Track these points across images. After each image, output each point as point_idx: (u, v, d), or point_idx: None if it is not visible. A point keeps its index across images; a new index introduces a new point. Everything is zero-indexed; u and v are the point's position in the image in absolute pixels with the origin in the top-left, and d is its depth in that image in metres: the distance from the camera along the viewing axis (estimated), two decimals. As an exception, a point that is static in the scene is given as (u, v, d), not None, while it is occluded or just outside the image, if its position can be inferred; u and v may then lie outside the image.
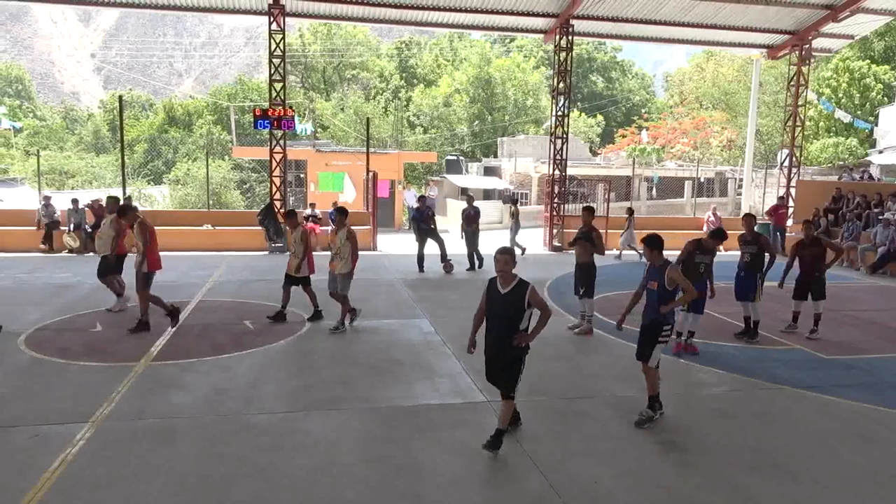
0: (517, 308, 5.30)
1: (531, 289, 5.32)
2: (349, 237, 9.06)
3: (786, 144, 21.81)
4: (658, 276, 6.06)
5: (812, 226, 9.78)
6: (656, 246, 6.20)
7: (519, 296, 5.30)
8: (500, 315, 5.34)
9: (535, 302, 5.31)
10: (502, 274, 5.37)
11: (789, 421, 6.31)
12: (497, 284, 5.39)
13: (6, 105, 60.23)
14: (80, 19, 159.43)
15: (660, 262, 6.14)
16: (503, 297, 5.33)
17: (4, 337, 8.42)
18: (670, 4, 18.22)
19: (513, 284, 5.35)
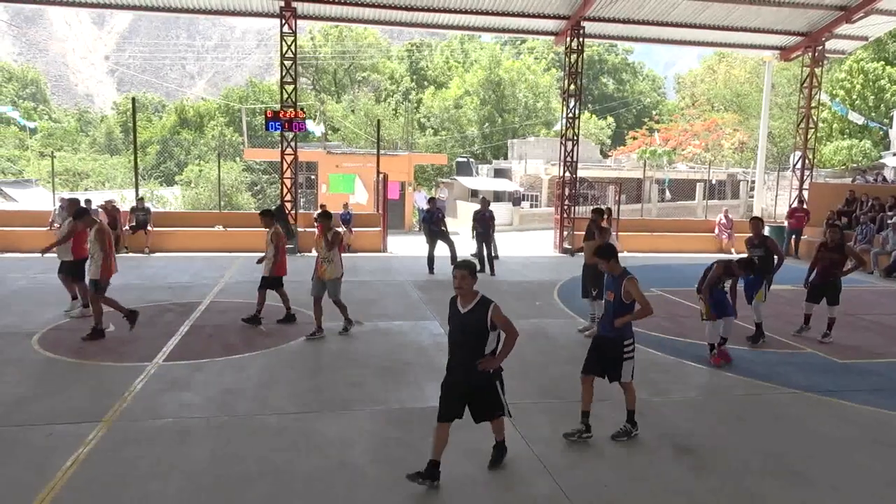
0: (479, 330, 4.79)
1: (494, 307, 4.79)
2: (335, 239, 8.81)
3: (798, 146, 21.64)
4: (615, 287, 5.70)
5: (838, 230, 9.62)
6: (612, 255, 5.81)
7: (480, 316, 4.78)
8: (461, 337, 4.85)
9: (499, 322, 4.80)
10: (460, 291, 4.84)
11: (804, 426, 6.26)
12: (457, 303, 4.88)
13: (21, 108, 60.85)
14: (94, 22, 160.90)
15: (618, 272, 5.75)
16: (463, 317, 4.82)
17: (19, 337, 8.49)
18: (682, 6, 18.13)
19: (473, 303, 4.82)
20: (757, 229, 9.09)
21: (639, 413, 6.35)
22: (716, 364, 7.94)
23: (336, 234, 8.86)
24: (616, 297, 5.67)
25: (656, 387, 7.22)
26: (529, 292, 12.65)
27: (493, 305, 4.82)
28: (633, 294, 5.61)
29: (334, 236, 8.78)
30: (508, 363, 5.02)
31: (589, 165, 32.92)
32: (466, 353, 4.82)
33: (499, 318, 4.82)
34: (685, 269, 16.30)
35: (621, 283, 5.62)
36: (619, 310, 5.65)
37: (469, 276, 4.86)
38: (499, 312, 4.82)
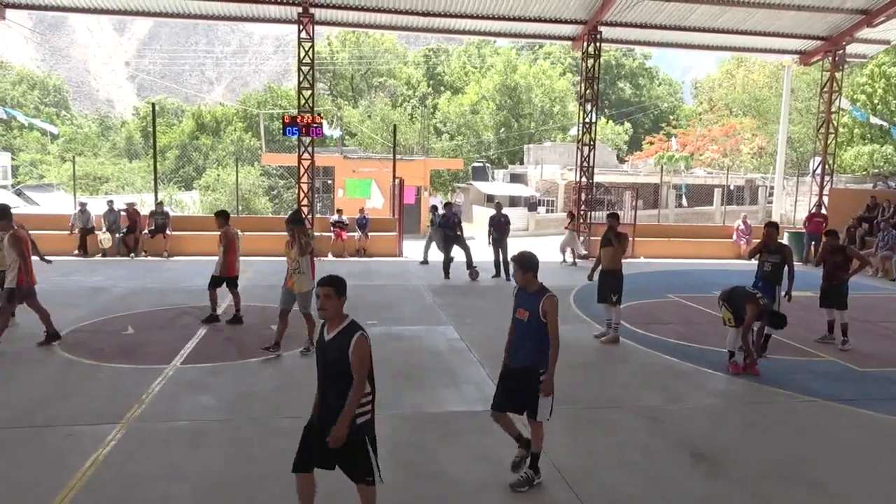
0: (339, 366, 3.83)
1: (358, 339, 3.80)
2: (304, 248, 8.13)
3: (818, 152, 21.41)
4: (531, 305, 4.85)
5: (835, 235, 9.60)
6: (530, 267, 4.91)
7: (342, 345, 3.82)
8: (323, 373, 3.95)
9: (353, 361, 3.77)
10: (323, 313, 3.92)
11: (823, 434, 6.18)
12: (324, 329, 4.00)
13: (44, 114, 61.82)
14: (115, 28, 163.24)
15: (535, 288, 4.91)
16: (327, 345, 3.91)
17: (35, 339, 8.60)
18: (700, 10, 18.03)
19: (339, 328, 3.91)
20: (772, 235, 8.94)
21: (655, 419, 6.31)
22: (733, 372, 7.86)
23: (308, 241, 8.21)
24: (531, 316, 4.83)
25: (672, 393, 7.16)
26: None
27: (358, 336, 3.81)
28: (549, 316, 4.78)
29: (306, 244, 8.12)
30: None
31: (605, 170, 32.79)
32: (330, 395, 3.88)
33: (356, 356, 3.77)
34: (702, 274, 16.19)
35: (540, 300, 4.81)
36: (533, 332, 4.83)
37: (334, 294, 3.92)
38: (361, 347, 3.79)
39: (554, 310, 4.80)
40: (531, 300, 4.86)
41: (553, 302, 4.81)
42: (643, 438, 5.91)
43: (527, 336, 4.88)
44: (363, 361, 3.83)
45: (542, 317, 4.79)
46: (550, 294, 4.84)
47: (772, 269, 8.64)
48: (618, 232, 9.27)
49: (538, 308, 4.79)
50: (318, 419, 3.98)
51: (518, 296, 5.00)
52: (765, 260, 8.72)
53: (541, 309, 4.78)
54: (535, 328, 4.83)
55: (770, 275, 8.65)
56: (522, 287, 4.96)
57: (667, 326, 10.34)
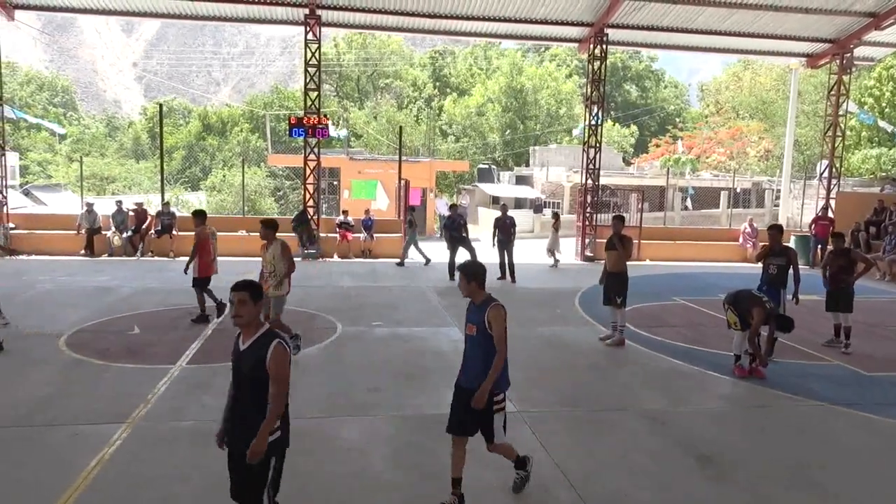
0: (253, 377, 3.53)
1: (276, 347, 3.51)
2: (283, 251, 7.99)
3: (825, 155, 21.33)
4: (477, 319, 4.51)
5: (840, 238, 9.57)
6: (474, 276, 4.54)
7: (259, 355, 3.52)
8: (240, 384, 3.61)
9: (271, 373, 3.48)
10: (238, 321, 3.60)
11: (829, 438, 6.15)
12: (239, 338, 3.69)
13: (52, 114, 62.15)
14: (122, 30, 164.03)
15: (481, 299, 4.56)
16: (242, 355, 3.61)
17: (47, 338, 8.66)
18: (707, 12, 17.99)
19: (255, 336, 3.59)
20: (777, 238, 8.90)
21: (660, 421, 6.30)
22: (739, 375, 7.83)
23: (286, 247, 8.01)
24: (479, 331, 4.48)
25: (677, 396, 7.15)
26: (550, 300, 12.60)
27: (276, 343, 3.51)
28: (496, 326, 4.44)
29: (284, 249, 7.96)
30: (527, 370, 4.98)
31: (611, 173, 32.72)
32: (243, 409, 3.59)
33: (274, 364, 3.48)
34: (708, 277, 16.14)
35: (485, 311, 4.46)
36: (482, 348, 4.48)
37: (250, 299, 3.59)
38: (279, 355, 3.50)
39: (500, 321, 4.44)
40: (477, 313, 4.52)
41: (499, 312, 4.45)
42: (647, 441, 5.89)
43: (477, 353, 4.52)
44: (282, 371, 3.51)
45: (488, 329, 4.44)
46: (496, 304, 4.49)
47: (777, 272, 8.60)
48: (622, 235, 9.25)
49: (484, 320, 4.45)
50: (229, 435, 3.69)
51: (467, 309, 4.67)
52: (769, 263, 8.67)
53: (486, 321, 4.43)
54: (484, 344, 4.48)
55: (775, 278, 8.60)
56: (470, 299, 4.63)
57: (672, 329, 10.32)
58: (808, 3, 17.67)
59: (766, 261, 8.73)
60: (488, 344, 4.45)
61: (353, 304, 11.50)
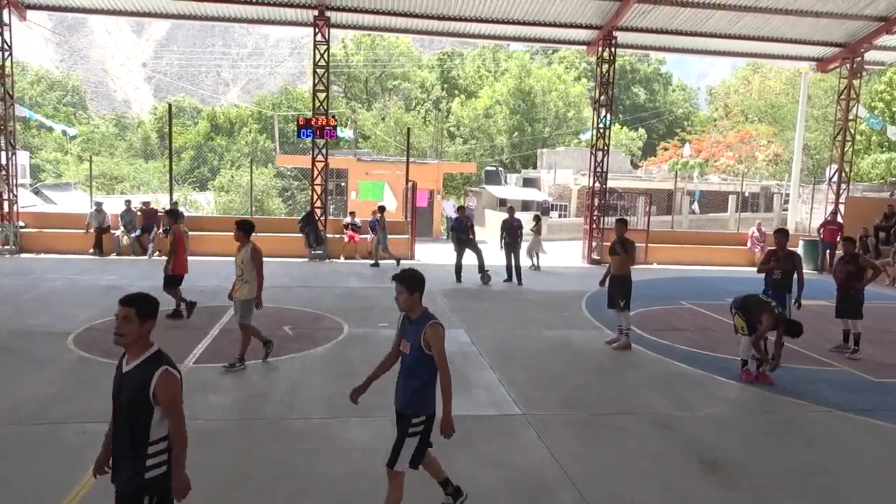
0: (139, 402, 3.11)
1: (161, 374, 3.11)
2: (253, 256, 7.62)
3: (835, 160, 21.23)
4: (412, 336, 4.16)
5: (850, 243, 9.50)
6: (417, 286, 4.19)
7: (144, 379, 3.12)
8: (120, 409, 3.20)
9: (162, 400, 3.11)
10: (120, 339, 3.23)
11: (838, 445, 6.11)
12: (123, 358, 3.31)
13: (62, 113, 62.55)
14: (132, 30, 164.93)
15: (418, 313, 4.21)
16: (124, 377, 3.22)
17: (55, 336, 8.71)
18: (717, 16, 17.94)
19: (141, 358, 3.21)
20: (782, 242, 8.87)
21: (666, 425, 6.28)
22: (746, 380, 7.80)
23: (256, 251, 7.65)
24: (413, 349, 4.15)
25: (684, 400, 7.12)
26: (557, 303, 12.58)
27: (163, 370, 3.12)
28: (433, 346, 4.09)
29: (254, 253, 7.61)
30: (533, 373, 4.97)
31: (619, 176, 32.70)
32: (124, 438, 3.17)
33: (163, 396, 3.09)
34: (716, 281, 16.09)
35: (422, 329, 4.12)
36: (415, 368, 4.18)
37: (135, 316, 3.23)
38: (168, 385, 3.10)
39: (439, 340, 4.09)
40: (414, 329, 4.16)
41: (437, 331, 4.10)
42: (653, 445, 5.88)
43: (410, 373, 4.20)
44: (174, 401, 3.13)
45: (424, 349, 4.10)
46: (435, 322, 4.14)
47: (781, 276, 8.58)
48: (624, 239, 9.24)
49: (421, 338, 4.11)
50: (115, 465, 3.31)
51: (402, 324, 4.30)
52: (774, 268, 8.66)
53: (423, 339, 4.09)
54: (417, 363, 4.15)
55: (779, 283, 8.59)
56: (406, 313, 4.25)
57: (679, 333, 10.29)
58: (818, 7, 17.60)
59: (770, 265, 8.71)
60: (422, 363, 4.13)
61: (360, 306, 11.52)
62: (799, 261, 8.73)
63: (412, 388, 4.20)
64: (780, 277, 8.58)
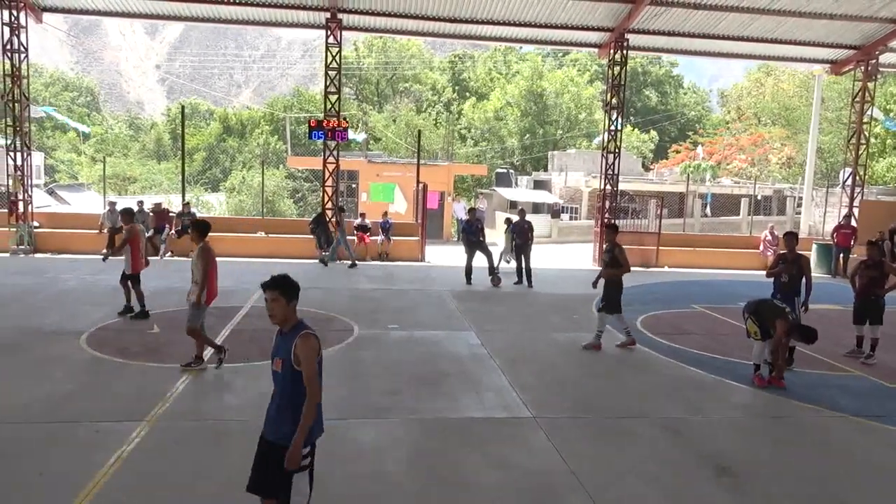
0: None
1: None
2: (200, 255, 7.31)
3: (849, 163, 21.05)
4: (283, 351, 3.65)
5: (876, 247, 9.38)
6: (293, 294, 3.72)
7: None
8: None
9: None
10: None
11: (850, 451, 6.06)
12: None
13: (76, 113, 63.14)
14: (146, 32, 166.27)
15: (292, 324, 3.70)
16: None
17: (68, 336, 8.78)
18: (729, 18, 17.85)
19: None
20: (791, 245, 8.80)
21: (677, 430, 6.24)
22: (759, 384, 7.74)
23: (203, 252, 7.34)
24: (285, 366, 3.63)
25: (695, 404, 7.08)
26: (567, 305, 12.54)
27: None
28: (302, 360, 3.57)
29: (199, 254, 7.33)
30: (543, 376, 4.97)
31: (630, 178, 32.58)
32: None
33: None
34: (727, 285, 15.99)
35: (292, 342, 3.61)
36: (287, 389, 3.63)
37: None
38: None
39: (309, 353, 3.57)
40: (286, 343, 3.64)
41: (308, 344, 3.59)
42: (663, 449, 5.84)
43: (283, 395, 3.66)
44: None
45: (296, 365, 3.58)
46: (306, 332, 3.63)
47: (789, 280, 8.52)
48: (615, 245, 9.22)
49: (291, 352, 3.60)
50: None
51: (275, 338, 3.77)
52: (782, 271, 8.61)
53: (293, 354, 3.59)
54: (289, 383, 3.62)
55: (787, 287, 8.53)
56: (279, 326, 3.73)
57: (690, 337, 10.23)
58: (832, 10, 17.47)
59: (778, 269, 8.66)
60: (296, 383, 3.58)
61: (370, 307, 11.54)
62: (807, 264, 8.67)
63: (287, 413, 3.61)
64: (787, 281, 8.52)
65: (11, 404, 6.27)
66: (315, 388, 3.57)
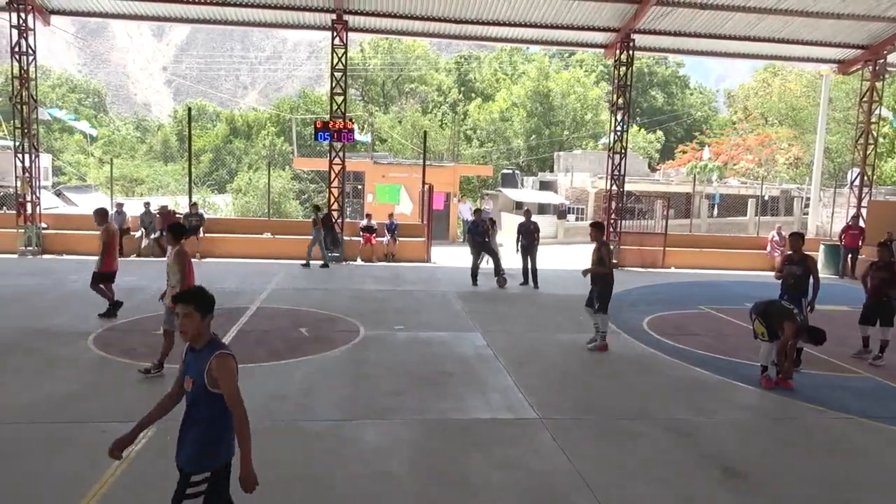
0: None
1: None
2: (175, 259, 7.20)
3: (857, 163, 20.95)
4: (197, 370, 3.36)
5: (887, 248, 9.33)
6: (208, 308, 3.45)
7: None
8: None
9: None
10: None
11: (858, 453, 6.02)
12: None
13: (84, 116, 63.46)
14: (153, 34, 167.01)
15: (203, 340, 3.42)
16: None
17: (75, 336, 8.82)
18: (736, 18, 17.80)
19: None
20: (797, 246, 8.76)
21: (683, 432, 6.22)
22: (766, 386, 7.70)
23: (179, 255, 7.23)
24: (196, 386, 3.36)
25: (702, 406, 7.05)
26: (573, 306, 12.50)
27: None
28: (221, 383, 3.31)
29: (176, 257, 7.22)
30: (549, 376, 4.96)
31: (636, 179, 32.51)
32: None
33: None
34: (734, 286, 15.93)
35: (206, 361, 3.33)
36: (199, 410, 3.37)
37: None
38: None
39: (228, 374, 3.33)
40: (198, 361, 3.37)
41: (226, 363, 3.34)
42: (670, 451, 5.82)
43: (191, 416, 3.40)
44: None
45: (209, 386, 3.31)
46: (222, 353, 3.35)
47: (795, 281, 8.48)
48: (601, 245, 9.20)
49: (204, 371, 3.32)
50: None
51: (185, 355, 3.50)
52: (788, 272, 8.58)
53: (207, 374, 3.31)
54: (200, 404, 3.35)
55: (793, 287, 8.49)
56: (191, 343, 3.45)
57: (697, 338, 10.20)
58: (839, 9, 17.40)
59: (787, 269, 8.61)
60: (209, 405, 3.33)
61: (376, 308, 11.55)
62: (813, 264, 8.63)
63: (193, 435, 3.37)
64: (793, 282, 8.48)
65: (19, 404, 6.31)
66: (242, 411, 3.35)
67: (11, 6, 16.46)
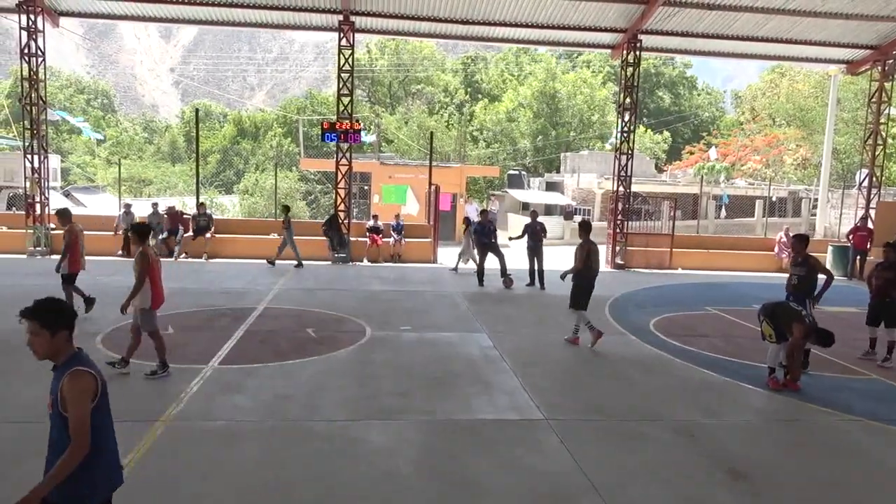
0: None
1: None
2: (138, 260, 7.21)
3: (865, 163, 20.84)
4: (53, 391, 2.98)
5: (893, 249, 9.29)
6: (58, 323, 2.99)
7: None
8: None
9: None
10: None
11: (866, 455, 5.99)
12: None
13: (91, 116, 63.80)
14: (161, 36, 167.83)
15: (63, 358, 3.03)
16: None
17: (83, 337, 8.86)
18: (743, 18, 17.73)
19: None
20: (799, 247, 8.77)
21: (691, 433, 6.20)
22: (773, 387, 7.67)
23: (139, 257, 7.21)
24: (54, 409, 2.97)
25: (709, 408, 7.03)
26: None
27: None
28: (69, 405, 2.89)
29: (137, 259, 7.21)
30: (556, 377, 4.95)
31: (643, 180, 32.43)
32: None
33: None
34: (741, 287, 15.87)
35: (61, 378, 2.95)
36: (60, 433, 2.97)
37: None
38: None
39: (77, 395, 2.89)
40: (55, 380, 2.99)
41: (77, 384, 2.90)
42: (677, 453, 5.81)
43: (52, 441, 3.01)
44: None
45: (61, 408, 2.91)
46: (76, 370, 2.94)
47: (798, 281, 8.48)
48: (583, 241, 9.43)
49: (58, 390, 2.93)
50: None
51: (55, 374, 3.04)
52: (791, 273, 8.62)
53: (59, 395, 2.91)
54: (57, 429, 2.97)
55: (796, 288, 8.48)
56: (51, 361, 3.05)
57: (704, 339, 10.16)
58: (847, 9, 17.31)
59: (790, 271, 8.65)
60: (63, 430, 2.91)
61: (382, 308, 11.56)
62: (816, 263, 8.60)
63: (53, 463, 2.96)
64: (797, 283, 8.49)
65: (26, 404, 6.35)
66: (82, 441, 2.85)
67: (21, 8, 16.56)
